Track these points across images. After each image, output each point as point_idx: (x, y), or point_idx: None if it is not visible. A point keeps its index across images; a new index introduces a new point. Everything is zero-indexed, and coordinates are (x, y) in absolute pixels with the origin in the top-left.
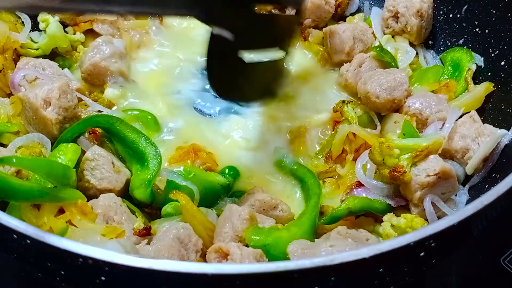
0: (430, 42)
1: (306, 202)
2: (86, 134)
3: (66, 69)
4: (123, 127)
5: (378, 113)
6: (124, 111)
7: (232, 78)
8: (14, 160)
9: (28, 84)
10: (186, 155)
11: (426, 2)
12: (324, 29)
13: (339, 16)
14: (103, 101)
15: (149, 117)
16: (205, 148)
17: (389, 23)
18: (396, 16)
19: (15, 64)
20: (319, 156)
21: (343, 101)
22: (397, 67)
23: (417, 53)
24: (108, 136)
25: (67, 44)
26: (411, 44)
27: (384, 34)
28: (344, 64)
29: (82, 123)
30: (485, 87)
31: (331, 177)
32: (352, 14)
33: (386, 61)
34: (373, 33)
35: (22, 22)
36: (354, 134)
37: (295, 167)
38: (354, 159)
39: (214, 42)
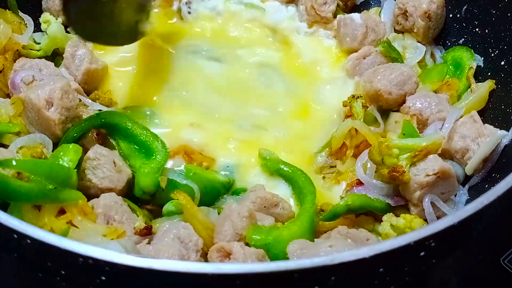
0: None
1: (300, 200)
2: (90, 134)
3: (63, 69)
4: (130, 123)
5: (381, 112)
6: (125, 109)
7: (94, 18)
8: (14, 163)
9: (26, 86)
10: (176, 153)
11: (436, 2)
12: (337, 16)
13: (350, 8)
14: (104, 99)
15: (148, 112)
16: (197, 147)
17: (399, 20)
18: (405, 14)
19: None
20: (320, 147)
21: (353, 96)
22: None
23: None
24: (111, 134)
25: None
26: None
27: (395, 29)
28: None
29: (89, 120)
30: (488, 86)
31: (331, 173)
32: (367, 8)
33: (393, 57)
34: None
35: (26, 23)
36: (356, 130)
37: (282, 167)
38: (354, 156)
39: None
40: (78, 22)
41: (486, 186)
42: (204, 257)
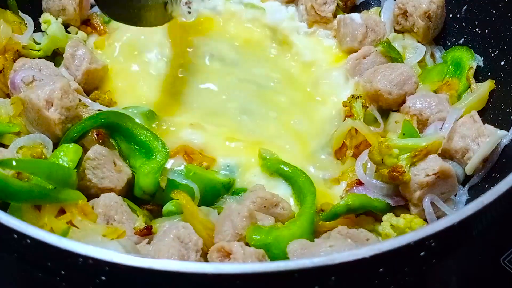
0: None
1: (300, 200)
2: (90, 134)
3: (62, 69)
4: (130, 123)
5: (381, 112)
6: (125, 109)
7: None
8: (14, 163)
9: (25, 86)
10: (177, 153)
11: (435, 2)
12: (337, 16)
13: (350, 8)
14: (104, 99)
15: (148, 112)
16: (197, 147)
17: (399, 20)
18: (405, 14)
19: None
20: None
21: (353, 96)
22: None
23: None
24: (111, 134)
25: None
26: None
27: (395, 29)
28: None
29: (89, 120)
30: (488, 86)
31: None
32: (367, 8)
33: (393, 57)
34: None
35: (26, 23)
36: (356, 130)
37: (282, 167)
38: (354, 156)
39: None
40: (106, 2)
41: (486, 186)
42: (204, 257)
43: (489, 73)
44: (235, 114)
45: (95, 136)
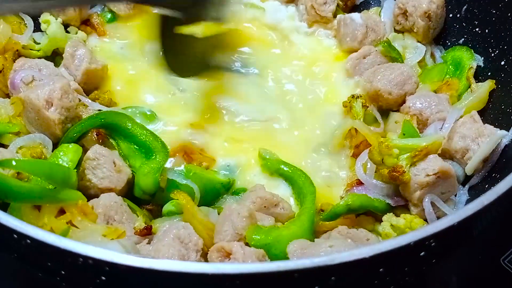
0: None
1: (300, 200)
2: (90, 134)
3: (62, 69)
4: (130, 123)
5: (381, 112)
6: (125, 109)
7: (183, 55)
8: (14, 163)
9: (25, 86)
10: (177, 152)
11: (436, 2)
12: (337, 16)
13: (350, 8)
14: (103, 99)
15: (148, 112)
16: (197, 147)
17: (399, 20)
18: (405, 14)
19: None
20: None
21: (353, 96)
22: None
23: None
24: (110, 134)
25: None
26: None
27: (395, 29)
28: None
29: (89, 120)
30: (488, 86)
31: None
32: (367, 8)
33: (393, 56)
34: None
35: (26, 23)
36: (356, 130)
37: (282, 167)
38: (354, 156)
39: (163, 22)
40: (171, 58)
41: (486, 186)
42: (204, 257)
43: (489, 73)
44: (235, 114)
45: (95, 136)
